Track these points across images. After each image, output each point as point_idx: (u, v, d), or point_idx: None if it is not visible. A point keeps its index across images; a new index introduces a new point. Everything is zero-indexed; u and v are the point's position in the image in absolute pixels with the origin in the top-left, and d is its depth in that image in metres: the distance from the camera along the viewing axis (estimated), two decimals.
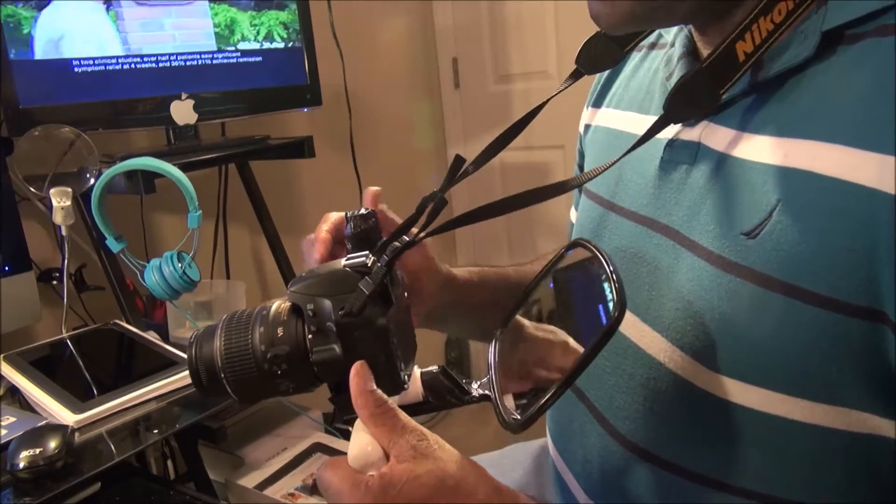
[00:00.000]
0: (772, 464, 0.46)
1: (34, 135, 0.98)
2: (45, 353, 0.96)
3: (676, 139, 0.53)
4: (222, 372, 0.45)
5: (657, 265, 0.52)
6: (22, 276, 1.00)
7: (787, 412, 0.44)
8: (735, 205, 0.46)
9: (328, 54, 1.61)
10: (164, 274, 0.95)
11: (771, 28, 0.45)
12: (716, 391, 0.47)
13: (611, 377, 0.55)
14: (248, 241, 1.66)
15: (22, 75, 1.02)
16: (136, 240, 1.34)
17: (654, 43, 0.63)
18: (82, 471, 0.71)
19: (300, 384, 0.46)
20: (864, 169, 0.39)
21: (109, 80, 1.13)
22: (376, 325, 0.44)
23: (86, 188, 1.00)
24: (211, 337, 0.46)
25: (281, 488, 1.15)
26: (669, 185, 0.53)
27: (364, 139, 1.81)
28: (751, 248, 0.44)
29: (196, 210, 0.94)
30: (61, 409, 0.80)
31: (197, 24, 1.23)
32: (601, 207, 0.61)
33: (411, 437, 0.42)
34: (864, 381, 0.41)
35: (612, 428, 0.55)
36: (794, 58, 0.44)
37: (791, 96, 0.45)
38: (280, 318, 0.45)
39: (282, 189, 1.69)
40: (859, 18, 0.42)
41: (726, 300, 0.46)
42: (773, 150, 0.45)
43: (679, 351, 0.49)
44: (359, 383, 0.43)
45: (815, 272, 0.41)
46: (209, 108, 1.25)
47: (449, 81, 2.22)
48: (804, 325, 0.42)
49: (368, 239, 0.51)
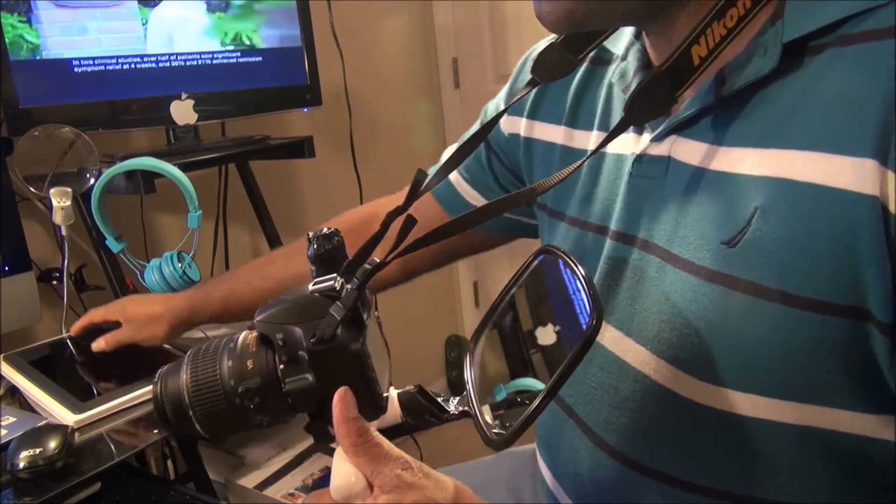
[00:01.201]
0: (764, 468, 0.47)
1: (34, 135, 0.98)
2: (45, 354, 0.96)
3: (644, 154, 0.53)
4: (190, 409, 0.43)
5: (638, 279, 0.53)
6: (22, 276, 1.00)
7: (777, 416, 0.45)
8: (713, 216, 0.47)
9: (328, 54, 1.61)
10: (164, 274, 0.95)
11: (724, 33, 0.46)
12: (704, 400, 0.48)
13: (597, 392, 0.56)
14: (248, 241, 1.66)
15: (22, 75, 1.03)
16: (136, 240, 1.34)
17: (599, 58, 0.62)
18: (82, 471, 0.71)
19: (275, 416, 0.44)
20: (840, 173, 0.40)
21: (109, 80, 1.13)
22: (350, 350, 0.42)
23: (86, 188, 1.00)
24: (177, 372, 0.44)
25: (281, 488, 1.15)
26: (642, 199, 0.53)
27: (364, 139, 1.81)
28: (732, 256, 0.45)
29: (196, 210, 0.94)
30: (61, 409, 0.80)
31: (125, 28, 1.16)
32: (577, 228, 0.61)
33: (395, 466, 0.41)
34: (852, 380, 0.42)
35: (602, 441, 0.55)
36: (758, 71, 0.45)
37: (759, 108, 0.46)
38: (248, 350, 0.43)
39: (282, 189, 1.69)
40: (819, 30, 0.43)
41: (711, 309, 0.46)
42: (746, 161, 0.45)
43: (665, 363, 0.50)
44: (341, 410, 0.41)
45: (798, 276, 0.42)
46: (209, 108, 1.25)
47: (449, 81, 2.22)
48: (792, 329, 0.43)
49: (333, 259, 0.47)
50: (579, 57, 0.58)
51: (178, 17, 1.21)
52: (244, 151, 1.34)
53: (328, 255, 0.47)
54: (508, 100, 0.73)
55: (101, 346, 0.89)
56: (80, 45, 1.10)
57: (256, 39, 1.31)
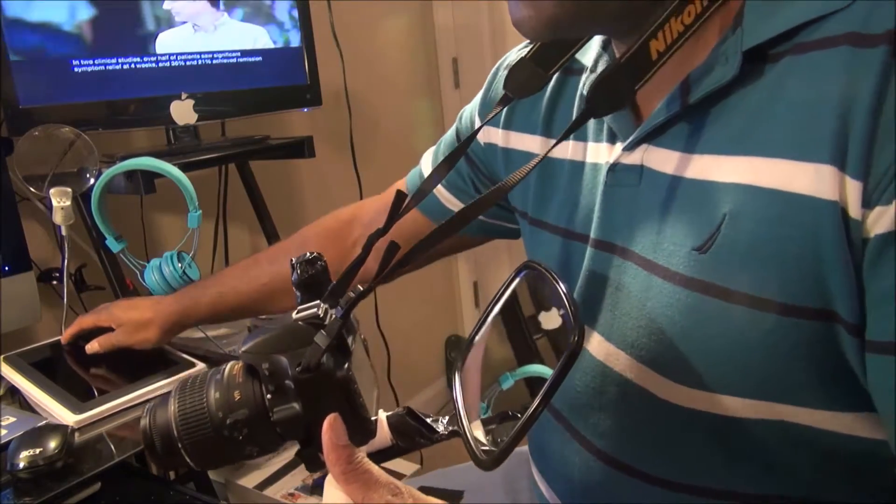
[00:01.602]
0: (748, 464, 0.48)
1: (34, 135, 0.98)
2: (46, 354, 0.96)
3: (618, 163, 0.54)
4: (179, 441, 0.43)
5: (617, 286, 0.53)
6: (22, 276, 1.00)
7: (755, 415, 0.46)
8: (685, 223, 0.48)
9: (328, 54, 1.61)
10: (164, 274, 0.95)
11: (681, 29, 0.46)
12: (684, 402, 0.49)
13: (583, 396, 0.57)
14: (248, 241, 1.66)
15: (22, 75, 1.03)
16: (136, 240, 1.34)
17: (570, 68, 0.62)
18: (82, 471, 0.71)
19: (264, 447, 0.44)
20: (802, 179, 0.41)
21: (109, 80, 1.13)
22: (336, 377, 0.42)
23: (86, 188, 1.00)
24: (165, 405, 0.44)
25: (281, 488, 1.15)
26: (618, 207, 0.54)
27: (364, 139, 1.81)
28: (703, 262, 0.46)
29: (196, 210, 0.94)
30: (61, 410, 0.80)
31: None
32: (560, 237, 0.62)
33: (385, 493, 0.41)
34: (825, 380, 0.43)
35: (590, 445, 0.56)
36: (721, 79, 0.46)
37: (725, 116, 0.46)
38: (235, 381, 0.43)
39: (282, 189, 1.69)
40: (777, 38, 0.44)
41: (686, 315, 0.47)
42: (715, 168, 0.46)
43: (644, 367, 0.51)
44: (331, 438, 0.41)
45: (767, 280, 0.43)
46: (209, 108, 1.25)
47: (449, 81, 2.22)
48: (764, 332, 0.43)
49: (316, 284, 0.47)
50: (550, 72, 0.58)
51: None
52: (244, 151, 1.34)
53: (311, 281, 0.47)
54: (483, 108, 0.74)
55: (95, 349, 0.91)
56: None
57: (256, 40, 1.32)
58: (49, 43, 1.06)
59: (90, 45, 1.10)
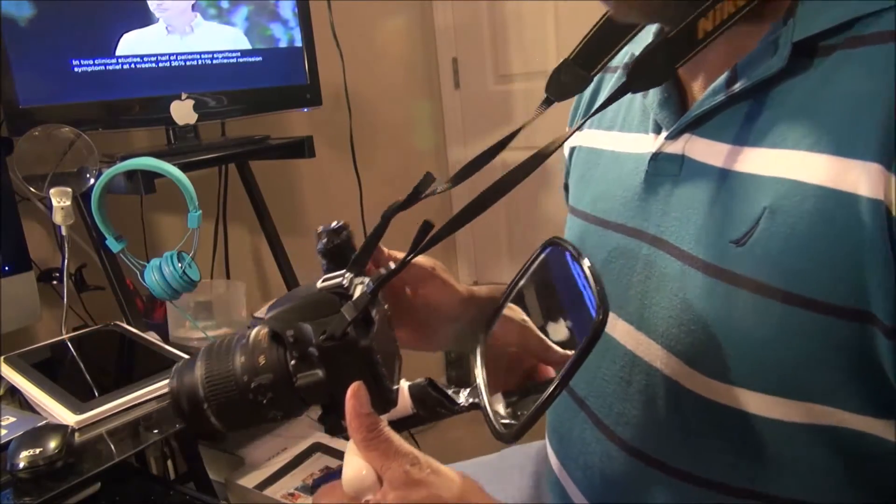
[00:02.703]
0: (771, 464, 0.47)
1: (34, 135, 0.98)
2: (46, 355, 0.96)
3: (660, 153, 0.54)
4: (206, 402, 0.44)
5: (648, 275, 0.53)
6: (22, 276, 1.00)
7: (782, 415, 0.45)
8: (723, 214, 0.47)
9: (328, 54, 1.60)
10: (164, 274, 0.95)
11: (732, 10, 0.46)
12: (712, 396, 0.48)
13: (609, 385, 0.56)
14: (248, 241, 1.66)
15: (22, 75, 1.02)
16: (136, 240, 1.34)
17: (609, 66, 0.63)
18: (82, 471, 0.71)
19: (288, 411, 0.45)
20: (846, 175, 0.40)
21: (109, 80, 1.13)
22: (359, 347, 0.43)
23: (86, 188, 1.00)
24: (192, 368, 0.45)
25: (281, 488, 1.15)
26: (656, 197, 0.54)
27: (364, 139, 1.81)
28: (740, 255, 0.45)
29: (196, 210, 0.94)
30: (62, 410, 0.80)
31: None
32: (585, 222, 0.62)
33: (404, 462, 0.42)
34: (855, 382, 0.42)
35: (613, 434, 0.56)
36: (768, 69, 0.45)
37: (769, 108, 0.46)
38: (261, 346, 0.44)
39: (282, 189, 1.69)
40: (829, 30, 0.43)
41: (718, 307, 0.47)
42: (756, 160, 0.46)
43: (675, 358, 0.50)
44: (354, 406, 0.42)
45: (805, 277, 0.42)
46: (209, 108, 1.25)
47: (449, 81, 2.22)
48: (795, 329, 0.43)
49: (342, 254, 0.49)
50: (592, 73, 0.58)
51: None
52: (244, 151, 1.34)
53: (337, 250, 0.49)
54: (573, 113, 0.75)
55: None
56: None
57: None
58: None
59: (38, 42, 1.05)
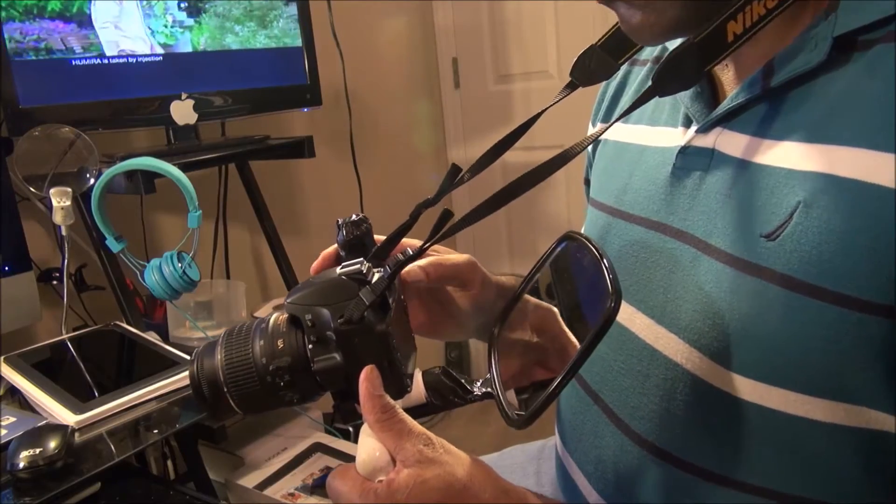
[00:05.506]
0: (791, 463, 0.46)
1: (34, 135, 0.98)
2: (46, 355, 0.96)
3: (689, 146, 0.53)
4: (225, 386, 0.45)
5: (672, 269, 0.53)
6: (22, 276, 1.00)
7: (806, 412, 0.44)
8: (754, 208, 0.47)
9: (328, 54, 1.61)
10: (164, 274, 0.95)
11: (763, 13, 0.45)
12: (734, 392, 0.47)
13: (625, 378, 0.56)
14: (248, 241, 1.66)
15: (22, 75, 1.02)
16: (136, 240, 1.34)
17: (636, 59, 0.63)
18: (82, 471, 0.71)
19: (304, 394, 0.46)
20: (884, 170, 0.40)
21: (109, 79, 1.13)
22: (376, 331, 0.44)
23: (86, 188, 1.00)
24: (212, 352, 0.46)
25: (281, 488, 1.15)
26: (683, 190, 0.53)
27: (364, 139, 1.81)
28: (771, 249, 0.45)
29: (196, 210, 0.94)
30: (62, 410, 0.80)
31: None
32: (607, 215, 0.62)
33: (417, 442, 0.43)
34: (884, 379, 0.42)
35: (628, 428, 0.55)
36: (806, 63, 0.45)
37: (806, 102, 0.46)
38: (279, 330, 0.45)
39: (282, 189, 1.69)
40: (870, 24, 0.43)
41: (747, 301, 0.46)
42: (791, 154, 0.45)
43: (697, 352, 0.49)
44: (367, 388, 0.43)
45: (836, 272, 0.42)
46: (209, 108, 1.25)
47: (449, 81, 2.22)
48: (826, 325, 0.42)
49: (362, 245, 0.50)
50: (620, 61, 0.58)
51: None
52: (244, 151, 1.34)
53: (357, 241, 0.50)
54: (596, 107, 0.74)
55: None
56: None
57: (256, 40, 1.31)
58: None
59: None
